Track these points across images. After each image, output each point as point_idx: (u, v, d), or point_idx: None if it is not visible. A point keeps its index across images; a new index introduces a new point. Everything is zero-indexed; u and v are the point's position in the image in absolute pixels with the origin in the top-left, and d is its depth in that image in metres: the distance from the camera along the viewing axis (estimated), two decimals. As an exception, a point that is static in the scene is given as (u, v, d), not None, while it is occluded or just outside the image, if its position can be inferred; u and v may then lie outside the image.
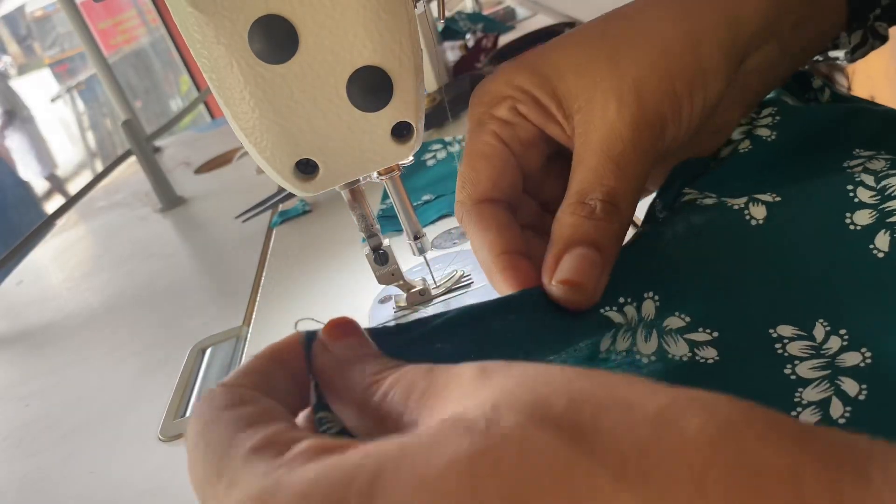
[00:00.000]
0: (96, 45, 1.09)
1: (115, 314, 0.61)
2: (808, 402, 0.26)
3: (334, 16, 0.32)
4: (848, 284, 0.28)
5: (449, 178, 0.58)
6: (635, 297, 0.29)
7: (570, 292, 0.28)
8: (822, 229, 0.30)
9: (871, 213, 0.29)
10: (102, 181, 1.12)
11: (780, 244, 0.30)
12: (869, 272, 0.28)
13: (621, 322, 0.29)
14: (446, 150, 0.65)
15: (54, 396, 0.50)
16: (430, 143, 0.67)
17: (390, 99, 0.34)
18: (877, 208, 0.29)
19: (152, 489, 0.36)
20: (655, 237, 0.31)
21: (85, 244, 0.89)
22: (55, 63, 4.28)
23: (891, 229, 0.29)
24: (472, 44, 1.00)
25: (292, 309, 0.49)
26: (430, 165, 0.63)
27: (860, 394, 0.26)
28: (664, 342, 0.28)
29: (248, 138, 0.35)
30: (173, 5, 0.32)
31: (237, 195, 0.80)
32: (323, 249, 0.56)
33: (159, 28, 3.30)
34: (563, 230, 0.30)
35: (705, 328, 0.28)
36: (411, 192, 0.58)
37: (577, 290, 0.28)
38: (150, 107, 4.05)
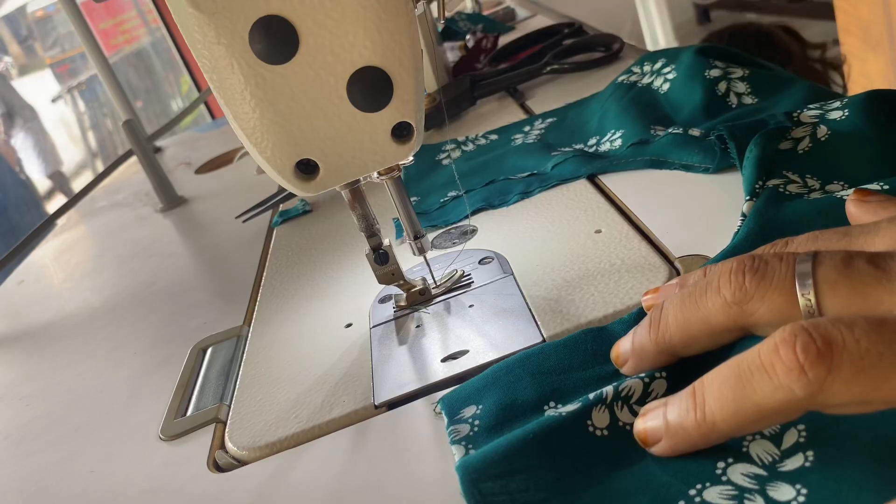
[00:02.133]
0: (97, 45, 1.09)
1: (116, 314, 0.61)
2: None
3: (334, 16, 0.32)
4: None
5: (473, 175, 0.59)
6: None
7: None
8: None
9: None
10: (103, 181, 1.12)
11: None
12: None
13: None
14: (461, 150, 0.66)
15: (54, 396, 0.50)
16: (442, 143, 0.68)
17: (390, 99, 0.34)
18: None
19: (152, 489, 0.36)
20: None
21: (86, 244, 0.89)
22: (56, 63, 4.28)
23: None
24: (472, 44, 1.00)
25: (292, 309, 0.49)
26: (445, 164, 0.64)
27: None
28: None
29: (249, 138, 0.35)
30: (174, 6, 0.32)
31: (237, 195, 0.80)
32: (323, 249, 0.56)
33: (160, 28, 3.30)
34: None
35: None
36: (434, 190, 0.59)
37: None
38: (150, 107, 4.05)
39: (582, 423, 0.28)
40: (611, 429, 0.28)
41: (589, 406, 0.28)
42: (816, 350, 0.20)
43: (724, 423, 0.23)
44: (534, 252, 0.44)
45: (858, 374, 0.20)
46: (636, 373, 0.29)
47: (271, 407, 0.38)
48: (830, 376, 0.20)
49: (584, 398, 0.29)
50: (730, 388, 0.23)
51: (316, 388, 0.38)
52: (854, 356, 0.20)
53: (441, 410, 0.33)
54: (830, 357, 0.20)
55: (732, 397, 0.23)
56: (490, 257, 0.45)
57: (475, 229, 0.50)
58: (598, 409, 0.28)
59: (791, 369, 0.21)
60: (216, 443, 0.38)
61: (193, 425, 0.40)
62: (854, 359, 0.20)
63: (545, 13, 1.17)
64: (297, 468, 0.34)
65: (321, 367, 0.40)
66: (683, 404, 0.25)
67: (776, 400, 0.21)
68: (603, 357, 0.32)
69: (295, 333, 0.45)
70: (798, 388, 0.21)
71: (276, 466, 0.34)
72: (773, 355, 0.21)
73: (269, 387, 0.40)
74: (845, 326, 0.21)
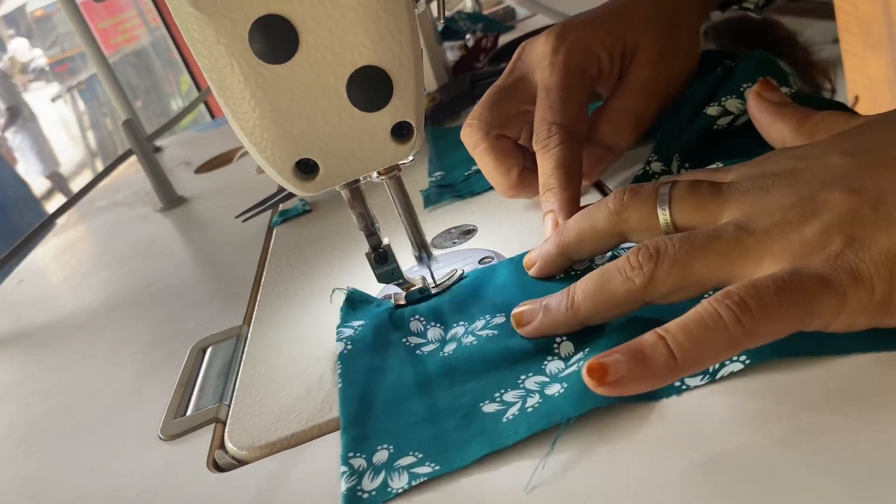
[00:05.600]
0: (97, 44, 1.09)
1: (116, 314, 0.61)
2: None
3: (334, 16, 0.32)
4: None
5: None
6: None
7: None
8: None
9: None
10: (103, 181, 1.12)
11: None
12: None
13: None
14: None
15: (54, 396, 0.50)
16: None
17: (390, 99, 0.34)
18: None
19: (152, 489, 0.36)
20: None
21: (85, 244, 0.89)
22: (56, 63, 4.28)
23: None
24: (472, 44, 1.00)
25: (292, 308, 0.49)
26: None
27: None
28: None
29: (249, 138, 0.35)
30: (174, 5, 0.32)
31: (237, 195, 0.80)
32: (323, 249, 0.56)
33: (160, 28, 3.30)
34: (600, 135, 0.48)
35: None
36: (459, 164, 0.61)
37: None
38: (150, 106, 4.05)
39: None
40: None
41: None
42: (649, 254, 0.29)
43: (586, 309, 0.32)
44: (534, 252, 0.44)
45: (673, 266, 0.29)
46: (540, 275, 0.38)
47: (271, 407, 0.38)
48: (656, 269, 0.29)
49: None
50: (594, 283, 0.31)
51: (316, 387, 0.38)
52: (671, 255, 0.29)
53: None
54: (658, 257, 0.29)
55: (594, 289, 0.31)
56: (490, 257, 0.45)
57: (475, 229, 0.50)
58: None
59: (634, 266, 0.30)
60: (216, 443, 0.38)
61: (193, 425, 0.40)
62: (670, 256, 0.29)
63: (545, 13, 1.17)
64: (297, 468, 0.34)
65: (321, 366, 0.40)
66: (559, 297, 0.33)
67: (624, 289, 0.30)
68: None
69: (295, 333, 0.45)
70: (638, 279, 0.30)
71: (276, 466, 0.34)
72: (624, 261, 0.30)
73: (269, 387, 0.40)
74: (668, 239, 0.30)
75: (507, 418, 0.30)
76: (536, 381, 0.31)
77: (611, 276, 0.31)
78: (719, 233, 0.29)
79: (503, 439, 0.28)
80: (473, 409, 0.31)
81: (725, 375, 0.28)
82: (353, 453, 0.31)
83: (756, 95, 0.36)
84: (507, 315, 0.37)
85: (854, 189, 0.27)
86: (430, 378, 0.34)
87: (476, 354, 0.35)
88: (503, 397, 0.31)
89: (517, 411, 0.30)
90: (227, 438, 0.37)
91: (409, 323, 0.39)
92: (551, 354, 0.33)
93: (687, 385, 0.28)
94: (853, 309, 0.25)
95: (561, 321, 0.33)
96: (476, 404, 0.31)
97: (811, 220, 0.27)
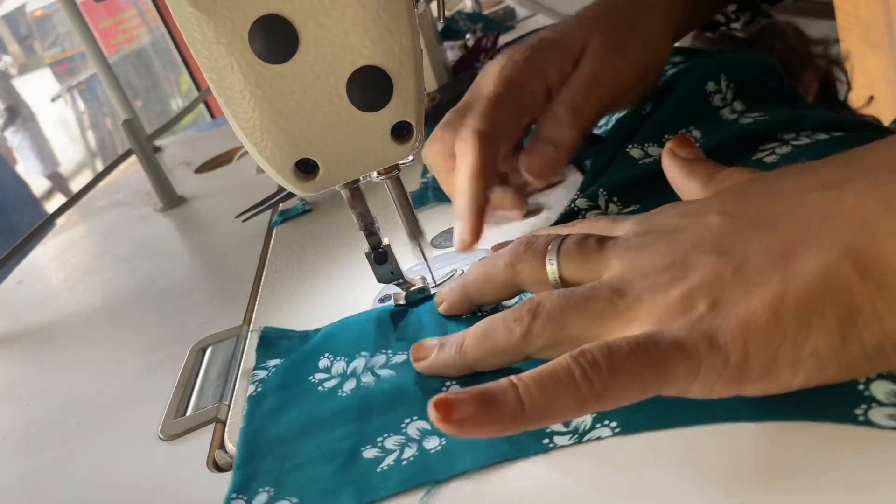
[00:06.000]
0: (97, 44, 1.09)
1: (116, 313, 0.61)
2: None
3: (334, 16, 0.32)
4: None
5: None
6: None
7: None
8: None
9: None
10: (103, 180, 1.12)
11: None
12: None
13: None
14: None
15: (54, 396, 0.50)
16: None
17: (390, 99, 0.34)
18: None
19: (152, 489, 0.36)
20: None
21: (85, 243, 0.89)
22: (55, 63, 4.28)
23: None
24: (472, 44, 1.00)
25: (292, 308, 0.49)
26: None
27: None
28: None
29: (249, 138, 0.35)
30: (173, 5, 0.32)
31: (237, 195, 0.80)
32: (323, 249, 0.56)
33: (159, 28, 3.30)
34: (541, 131, 0.47)
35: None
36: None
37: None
38: (150, 106, 4.05)
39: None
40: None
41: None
42: (528, 308, 0.31)
43: (471, 355, 0.33)
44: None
45: (548, 322, 0.30)
46: (447, 314, 0.39)
47: (271, 407, 0.38)
48: (532, 323, 0.30)
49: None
50: (481, 330, 0.33)
51: (316, 387, 0.38)
52: (546, 311, 0.30)
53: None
54: (536, 312, 0.30)
55: (480, 336, 0.32)
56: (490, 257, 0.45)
57: (475, 229, 0.50)
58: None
59: (515, 318, 0.31)
60: (216, 443, 0.38)
61: (193, 425, 0.40)
62: (546, 312, 0.30)
63: (545, 13, 1.17)
64: (296, 468, 0.34)
65: (321, 366, 0.40)
66: (452, 342, 0.34)
67: (504, 340, 0.31)
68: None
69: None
70: (517, 331, 0.31)
71: (276, 466, 0.34)
72: (509, 313, 0.32)
73: (268, 387, 0.40)
74: (549, 294, 0.31)
75: (381, 468, 0.30)
76: (418, 427, 0.32)
77: (495, 325, 0.32)
78: (594, 293, 0.29)
79: (373, 492, 0.29)
80: (354, 454, 0.32)
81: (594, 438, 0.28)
82: (236, 495, 0.32)
83: (669, 152, 0.36)
84: (408, 353, 0.37)
85: (722, 252, 0.27)
86: (324, 418, 0.35)
87: (370, 394, 0.35)
88: (384, 443, 0.32)
89: (392, 462, 0.30)
90: (227, 438, 0.37)
91: (318, 360, 0.40)
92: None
93: (555, 443, 0.28)
94: (708, 375, 0.25)
95: (450, 362, 0.33)
96: (357, 449, 0.32)
97: (678, 284, 0.27)
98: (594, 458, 0.27)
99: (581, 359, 0.25)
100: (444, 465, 0.29)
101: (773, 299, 0.25)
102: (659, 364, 0.25)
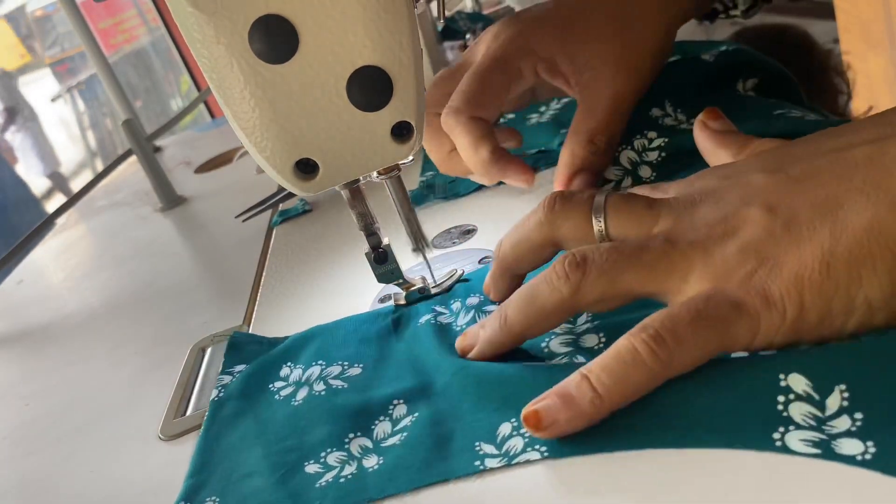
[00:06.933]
0: (96, 44, 1.08)
1: (116, 313, 0.61)
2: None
3: (334, 16, 0.32)
4: None
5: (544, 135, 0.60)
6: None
7: None
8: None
9: None
10: (103, 180, 1.12)
11: None
12: None
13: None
14: (539, 114, 0.64)
15: (54, 396, 0.50)
16: (527, 111, 0.66)
17: (390, 99, 0.34)
18: None
19: (152, 489, 0.36)
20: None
21: (85, 243, 0.89)
22: (56, 63, 4.27)
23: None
24: (472, 44, 1.00)
25: (292, 308, 0.49)
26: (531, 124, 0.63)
27: None
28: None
29: (249, 138, 0.35)
30: (173, 5, 0.32)
31: (237, 195, 0.80)
32: (323, 249, 0.56)
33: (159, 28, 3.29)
34: (576, 159, 0.44)
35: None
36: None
37: None
38: (150, 106, 4.04)
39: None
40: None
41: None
42: (576, 263, 0.29)
43: (519, 324, 0.31)
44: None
45: (600, 276, 0.29)
46: (498, 298, 0.37)
47: (271, 407, 0.38)
48: (584, 278, 0.29)
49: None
50: (523, 297, 0.31)
51: (316, 387, 0.38)
52: (598, 264, 0.29)
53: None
54: (585, 266, 0.29)
55: (524, 304, 0.31)
56: (489, 257, 0.45)
57: (475, 229, 0.50)
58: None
59: (560, 276, 0.29)
60: (216, 443, 0.38)
61: (193, 425, 0.40)
62: (597, 266, 0.29)
63: (545, 12, 1.17)
64: (296, 468, 0.34)
65: (321, 366, 0.40)
66: (493, 319, 0.33)
67: (553, 300, 0.30)
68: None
69: (295, 333, 0.45)
70: (564, 289, 0.29)
71: (276, 466, 0.34)
72: (551, 271, 0.30)
73: (268, 387, 0.40)
74: (596, 248, 0.30)
75: (320, 484, 0.31)
76: (361, 444, 0.32)
77: (539, 288, 0.31)
78: (647, 244, 0.29)
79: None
80: (296, 467, 0.32)
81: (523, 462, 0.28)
82: (183, 503, 0.32)
83: (701, 124, 0.36)
84: (363, 366, 0.37)
85: (770, 207, 0.28)
86: (276, 428, 0.35)
87: (320, 405, 0.36)
88: (327, 458, 0.32)
89: (331, 479, 0.31)
90: (227, 438, 0.37)
91: (280, 368, 0.40)
92: (384, 414, 0.34)
93: (485, 465, 0.28)
94: (767, 331, 0.26)
95: (497, 338, 0.33)
96: (301, 463, 0.32)
97: (731, 238, 0.28)
98: (525, 479, 0.27)
99: (643, 334, 0.26)
100: (380, 485, 0.30)
101: (823, 253, 0.26)
102: (720, 327, 0.26)
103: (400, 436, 0.32)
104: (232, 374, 0.41)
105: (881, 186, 0.26)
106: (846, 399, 0.24)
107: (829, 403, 0.24)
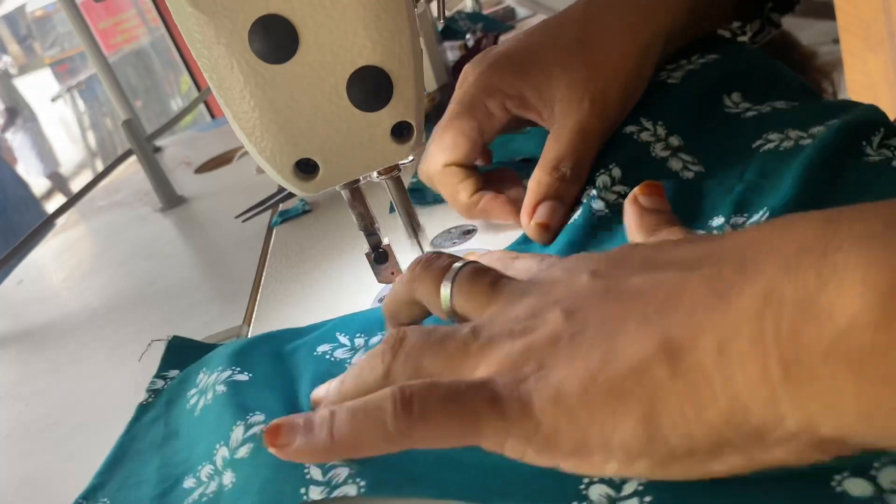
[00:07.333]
0: (96, 44, 1.08)
1: (116, 313, 0.61)
2: None
3: (334, 16, 0.32)
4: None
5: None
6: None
7: (541, 230, 0.43)
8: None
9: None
10: (103, 181, 1.12)
11: None
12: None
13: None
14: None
15: (54, 396, 0.50)
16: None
17: (390, 99, 0.34)
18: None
19: (152, 489, 0.36)
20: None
21: (85, 243, 0.89)
22: (55, 63, 4.27)
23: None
24: (472, 43, 1.00)
25: (292, 308, 0.49)
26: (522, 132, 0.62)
27: None
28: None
29: (249, 138, 0.35)
30: (173, 5, 0.32)
31: (237, 195, 0.80)
32: (323, 249, 0.56)
33: (159, 28, 3.29)
34: (541, 186, 0.43)
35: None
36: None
37: (546, 230, 0.43)
38: (150, 106, 4.04)
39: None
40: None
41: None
42: (391, 343, 0.30)
43: (351, 393, 0.31)
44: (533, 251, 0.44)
45: (407, 360, 0.29)
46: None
47: (271, 407, 0.38)
48: (394, 360, 0.29)
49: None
50: (356, 370, 0.31)
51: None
52: (407, 348, 0.29)
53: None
54: (398, 348, 0.30)
55: (356, 375, 0.31)
56: (490, 257, 0.45)
57: (475, 229, 0.50)
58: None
59: (378, 354, 0.30)
60: (216, 443, 0.38)
61: (193, 425, 0.40)
62: (407, 349, 0.29)
63: (545, 12, 1.17)
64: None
65: (321, 366, 0.40)
66: (337, 381, 0.33)
67: (374, 376, 0.30)
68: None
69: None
70: (379, 368, 0.30)
71: (276, 466, 0.34)
72: (378, 348, 0.31)
73: (268, 387, 0.40)
74: (414, 330, 0.30)
75: (190, 500, 0.31)
76: (223, 455, 0.32)
77: (371, 361, 0.31)
78: (453, 333, 0.29)
79: None
80: (177, 482, 0.33)
81: (340, 496, 0.28)
82: (82, 499, 0.34)
83: (632, 198, 0.35)
84: (250, 374, 0.37)
85: (570, 313, 0.26)
86: (178, 438, 0.36)
87: (210, 413, 0.36)
88: (201, 473, 0.32)
89: (198, 496, 0.31)
90: (227, 438, 0.37)
91: (197, 375, 0.40)
92: (241, 420, 0.33)
93: (309, 496, 0.28)
94: (519, 438, 0.25)
95: (332, 398, 0.32)
96: (183, 477, 0.33)
97: (524, 337, 0.27)
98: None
99: (399, 393, 0.26)
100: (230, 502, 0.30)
101: (586, 376, 0.24)
102: (469, 418, 0.25)
103: (247, 447, 0.31)
104: (165, 378, 0.42)
105: (663, 320, 0.23)
106: (641, 484, 0.24)
107: (626, 488, 0.24)
